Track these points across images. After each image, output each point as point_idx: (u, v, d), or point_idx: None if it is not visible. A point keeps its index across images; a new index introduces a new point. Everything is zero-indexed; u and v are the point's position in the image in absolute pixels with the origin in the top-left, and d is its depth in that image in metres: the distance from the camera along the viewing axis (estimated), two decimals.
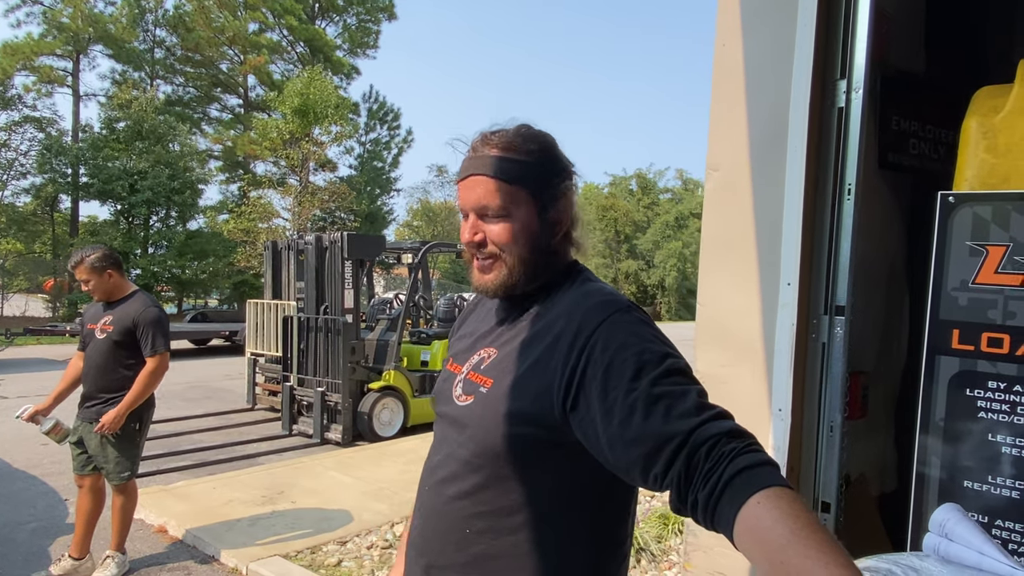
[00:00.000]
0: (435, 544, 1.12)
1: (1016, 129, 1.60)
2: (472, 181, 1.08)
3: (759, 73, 1.85)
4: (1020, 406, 1.49)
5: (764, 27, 1.85)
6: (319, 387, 6.71)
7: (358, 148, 33.20)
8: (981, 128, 1.66)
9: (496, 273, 1.09)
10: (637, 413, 0.88)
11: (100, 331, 3.32)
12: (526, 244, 1.08)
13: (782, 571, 0.70)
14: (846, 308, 1.76)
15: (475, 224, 1.08)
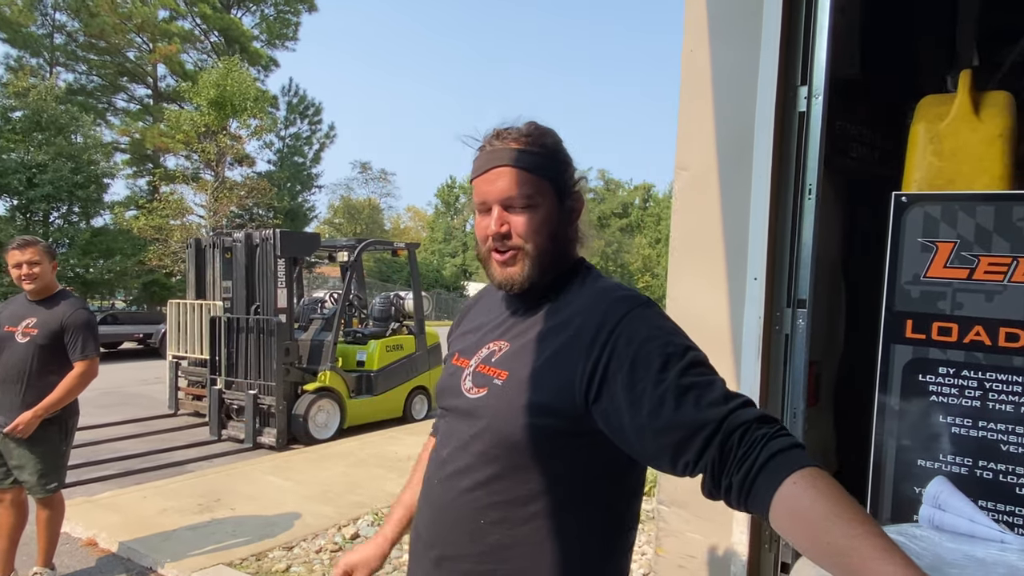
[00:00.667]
0: (448, 536, 1.12)
1: (960, 135, 1.75)
2: (494, 174, 1.08)
3: (726, 79, 1.94)
4: (968, 389, 1.63)
5: (731, 36, 1.94)
6: (251, 390, 6.48)
7: (277, 143, 32.27)
8: (928, 133, 1.80)
9: (521, 265, 1.09)
10: (668, 403, 0.92)
11: (21, 334, 3.07)
12: (548, 235, 1.09)
13: (828, 550, 0.75)
14: (807, 301, 1.87)
15: (501, 215, 1.08)
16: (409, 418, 7.68)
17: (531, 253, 1.08)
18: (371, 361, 7.39)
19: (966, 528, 0.97)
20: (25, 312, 3.12)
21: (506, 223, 1.08)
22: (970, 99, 1.76)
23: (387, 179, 47.15)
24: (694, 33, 2.00)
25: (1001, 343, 1.60)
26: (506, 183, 1.07)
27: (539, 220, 1.08)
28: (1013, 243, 1.58)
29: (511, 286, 1.11)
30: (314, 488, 4.84)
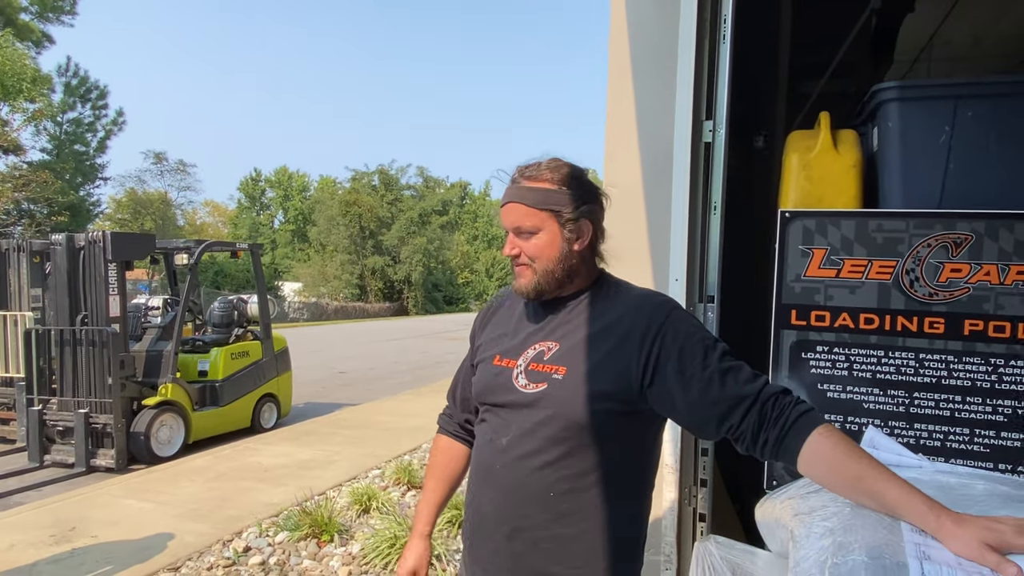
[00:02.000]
0: (520, 510, 1.31)
1: (824, 164, 2.24)
2: (509, 207, 1.33)
3: (648, 113, 2.28)
4: (838, 362, 2.12)
5: (650, 78, 2.29)
6: (81, 408, 5.85)
7: (52, 128, 28.41)
8: (800, 162, 2.27)
9: (527, 279, 1.33)
10: (715, 383, 1.21)
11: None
12: (551, 256, 1.33)
13: (847, 479, 1.08)
14: (715, 297, 2.27)
15: (512, 241, 1.33)
16: (258, 428, 7.37)
17: (537, 269, 1.32)
18: (215, 370, 6.98)
19: (895, 460, 1.36)
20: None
21: (517, 247, 1.32)
22: (830, 135, 2.26)
23: (186, 171, 43.25)
24: (617, 74, 2.33)
25: (861, 326, 2.10)
26: (515, 216, 1.32)
27: (542, 244, 1.32)
28: (868, 249, 2.08)
29: (526, 294, 1.36)
30: (181, 507, 4.56)
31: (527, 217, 1.31)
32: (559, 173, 1.35)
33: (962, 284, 2.00)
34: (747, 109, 3.46)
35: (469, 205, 61.63)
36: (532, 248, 1.32)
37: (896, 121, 2.11)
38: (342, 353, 17.33)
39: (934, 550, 0.98)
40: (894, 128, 2.11)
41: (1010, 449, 1.97)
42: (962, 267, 1.99)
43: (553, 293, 1.37)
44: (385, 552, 3.56)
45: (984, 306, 1.98)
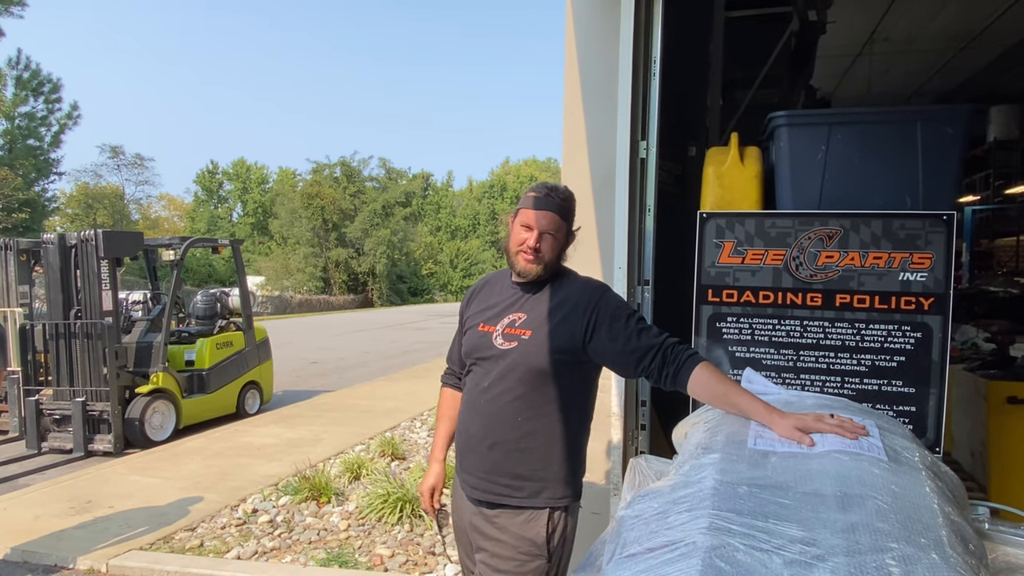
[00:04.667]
0: (496, 430, 1.88)
1: (733, 175, 2.84)
2: (544, 213, 1.86)
3: (595, 134, 2.85)
4: (743, 330, 2.73)
5: (597, 104, 2.86)
6: (77, 397, 6.22)
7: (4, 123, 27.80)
8: (715, 173, 2.87)
9: (536, 267, 1.88)
10: (632, 338, 1.79)
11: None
12: (557, 252, 1.90)
13: (724, 399, 1.67)
14: (650, 281, 2.87)
15: (538, 237, 1.85)
16: (243, 413, 7.79)
17: (546, 260, 1.88)
18: (201, 360, 7.38)
19: (762, 389, 1.96)
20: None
21: (539, 242, 1.86)
22: (738, 151, 2.86)
23: (143, 164, 42.56)
24: (571, 99, 2.89)
25: (760, 301, 2.71)
26: (548, 221, 1.86)
27: (557, 244, 1.88)
28: (765, 241, 2.69)
29: (529, 276, 1.90)
30: (185, 481, 5.02)
31: (555, 224, 1.86)
32: (571, 198, 1.94)
33: (834, 267, 2.62)
34: (683, 123, 4.07)
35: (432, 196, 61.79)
36: (548, 246, 1.86)
37: (785, 141, 2.72)
38: (312, 344, 17.66)
39: (766, 432, 1.58)
40: (784, 147, 2.72)
41: (869, 392, 2.61)
42: (834, 254, 2.62)
43: (544, 277, 1.92)
44: (379, 507, 4.10)
45: (850, 284, 2.61)
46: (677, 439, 2.02)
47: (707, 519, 1.30)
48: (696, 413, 1.92)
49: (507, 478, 1.84)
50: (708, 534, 1.26)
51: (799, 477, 1.41)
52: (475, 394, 1.94)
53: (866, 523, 1.24)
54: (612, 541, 1.42)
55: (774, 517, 1.30)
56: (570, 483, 1.88)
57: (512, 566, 1.82)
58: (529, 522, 1.83)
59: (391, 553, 3.66)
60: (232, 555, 3.69)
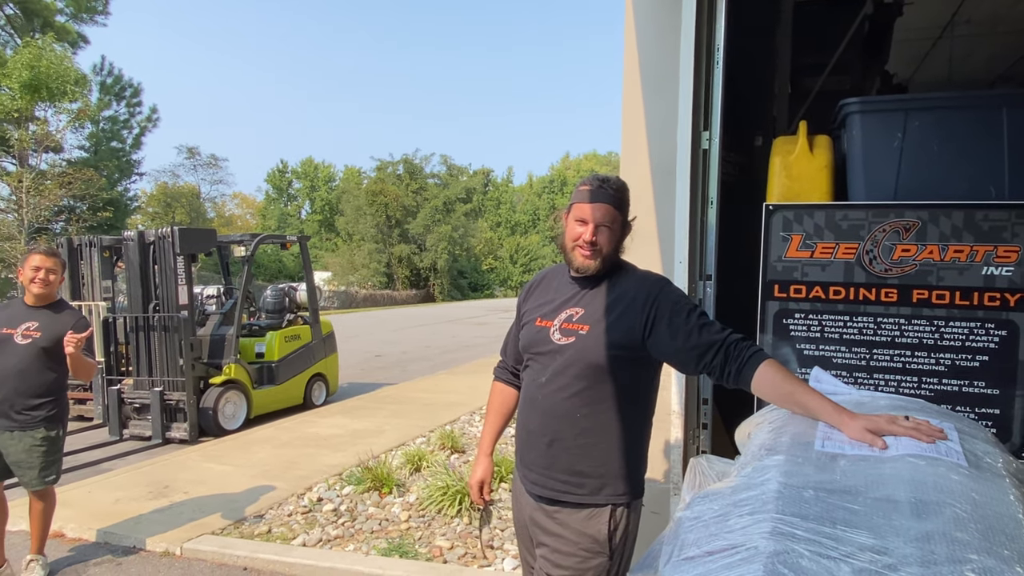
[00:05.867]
0: (555, 426, 1.86)
1: (801, 165, 2.72)
2: (599, 206, 1.83)
3: (655, 125, 2.79)
4: (812, 326, 2.62)
5: (657, 94, 2.79)
6: (156, 387, 6.54)
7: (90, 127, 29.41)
8: (782, 164, 2.76)
9: (594, 260, 1.85)
10: (694, 334, 1.73)
11: (21, 336, 3.26)
12: (614, 245, 1.86)
13: (790, 398, 1.60)
14: (712, 276, 2.79)
15: (594, 230, 1.82)
16: (309, 404, 8.03)
17: (604, 253, 1.85)
18: (271, 352, 7.64)
19: (832, 389, 1.88)
20: (24, 316, 3.31)
21: (595, 235, 1.83)
22: (807, 141, 2.74)
23: (217, 164, 44.39)
24: (631, 91, 2.84)
25: (830, 297, 2.60)
26: (602, 213, 1.82)
27: (614, 237, 1.84)
28: (836, 234, 2.57)
29: (587, 271, 1.87)
30: (255, 469, 5.21)
31: (610, 216, 1.83)
32: (627, 192, 1.90)
33: (911, 261, 2.49)
34: (748, 112, 3.94)
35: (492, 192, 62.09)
36: (605, 239, 1.83)
37: (858, 129, 2.59)
38: (375, 338, 18.05)
39: (835, 434, 1.51)
40: (857, 135, 2.60)
41: (949, 393, 2.47)
42: (911, 247, 2.48)
43: (604, 272, 1.88)
44: (438, 499, 4.15)
45: (928, 278, 2.47)
46: (740, 439, 1.96)
47: (770, 523, 1.25)
48: (760, 413, 1.85)
49: (567, 474, 1.82)
50: (771, 539, 1.21)
51: (870, 482, 1.33)
52: (533, 389, 1.93)
53: (943, 532, 1.17)
54: (670, 542, 1.39)
55: (842, 523, 1.24)
56: (632, 480, 1.84)
57: (573, 562, 1.80)
58: (591, 519, 1.80)
59: (450, 545, 3.70)
60: (298, 542, 3.80)
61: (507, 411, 2.17)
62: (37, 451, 3.27)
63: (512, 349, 2.11)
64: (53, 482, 3.39)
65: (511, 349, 2.12)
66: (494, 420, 2.16)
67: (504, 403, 2.16)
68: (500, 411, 2.16)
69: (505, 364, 2.16)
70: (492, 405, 2.18)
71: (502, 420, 2.17)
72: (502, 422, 2.18)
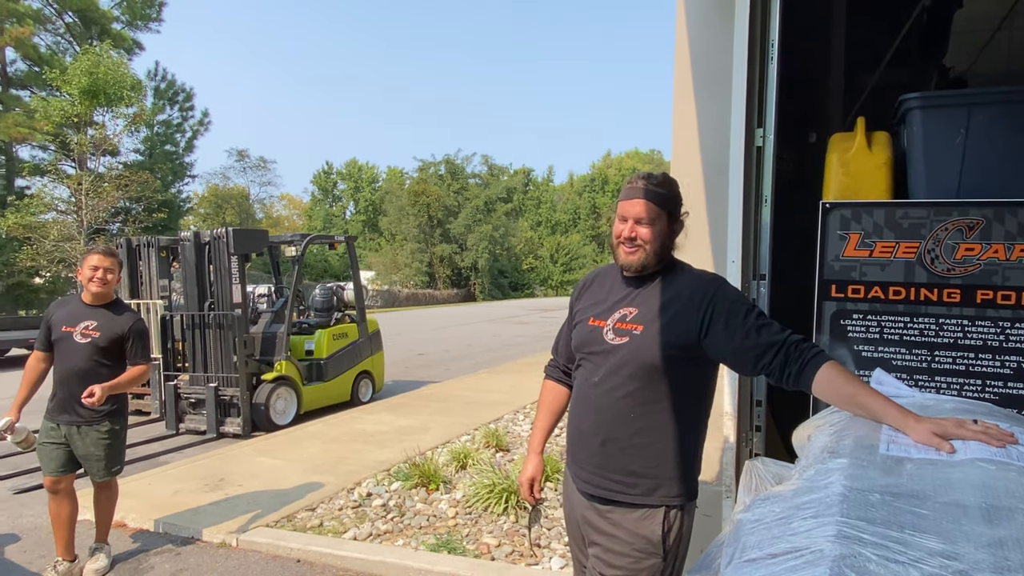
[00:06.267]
0: (608, 426, 1.86)
1: (859, 162, 2.66)
2: (635, 202, 1.83)
3: (707, 122, 2.76)
4: (871, 327, 2.56)
5: (709, 92, 2.76)
6: (210, 383, 6.75)
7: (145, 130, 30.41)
8: (839, 160, 2.70)
9: (637, 257, 1.84)
10: (752, 334, 1.71)
11: (81, 335, 3.36)
12: (658, 242, 1.85)
13: (853, 400, 1.57)
14: (766, 275, 2.75)
15: (633, 226, 1.82)
16: (356, 401, 8.17)
17: (647, 251, 1.84)
18: (319, 350, 7.80)
19: (895, 392, 1.83)
20: (83, 315, 3.41)
21: (635, 231, 1.83)
22: (865, 137, 2.68)
23: (266, 166, 45.50)
24: (682, 87, 2.81)
25: (890, 297, 2.53)
26: (639, 208, 1.82)
27: (656, 233, 1.83)
28: (896, 233, 2.51)
29: (631, 268, 1.87)
30: (305, 464, 5.33)
31: (649, 212, 1.82)
32: (673, 187, 1.89)
33: (975, 260, 2.41)
34: (802, 108, 3.87)
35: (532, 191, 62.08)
36: (647, 234, 1.82)
37: (919, 125, 2.52)
38: (418, 337, 18.25)
39: (900, 437, 1.48)
40: (917, 131, 2.53)
41: (1015, 397, 2.39)
42: (975, 247, 2.41)
43: (651, 269, 1.88)
44: (484, 497, 4.19)
45: (993, 279, 2.40)
46: (798, 442, 1.93)
47: (835, 526, 1.24)
48: (820, 415, 1.82)
49: (620, 474, 1.82)
50: (837, 542, 1.19)
51: (938, 486, 1.30)
52: (585, 388, 1.93)
53: (1017, 538, 1.13)
54: (731, 544, 1.38)
55: (911, 528, 1.22)
56: (686, 482, 1.83)
57: (626, 563, 1.80)
58: (644, 519, 1.80)
59: (497, 543, 3.72)
60: (349, 535, 3.88)
61: (558, 409, 2.17)
62: (102, 444, 3.40)
63: (564, 348, 2.11)
64: (117, 473, 3.53)
65: (563, 347, 2.12)
66: (545, 418, 2.17)
67: (555, 401, 2.17)
68: (551, 409, 2.17)
69: (556, 362, 2.17)
70: (543, 403, 2.19)
71: (553, 418, 2.18)
72: (553, 420, 2.19)
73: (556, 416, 2.18)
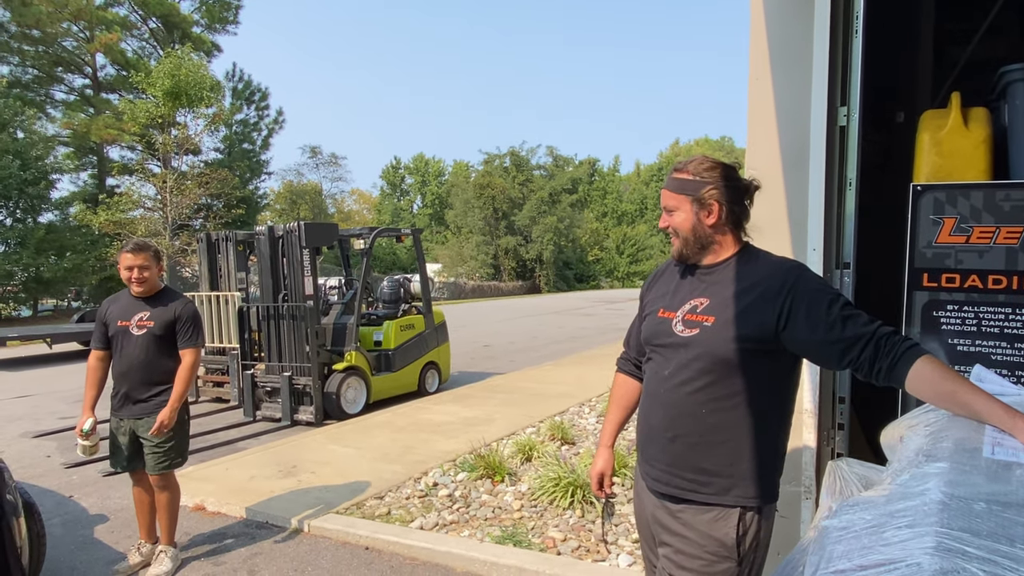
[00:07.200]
0: (679, 422, 1.77)
1: (954, 141, 2.46)
2: (663, 193, 1.80)
3: (786, 101, 2.61)
4: (967, 319, 2.37)
5: (788, 68, 2.61)
6: (285, 372, 6.95)
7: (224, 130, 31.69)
8: (932, 140, 2.51)
9: (676, 246, 1.81)
10: (837, 326, 1.59)
11: (136, 327, 3.41)
12: (687, 228, 1.76)
13: (952, 398, 1.43)
14: (851, 264, 2.58)
15: (665, 217, 1.79)
16: (423, 391, 8.28)
17: (680, 238, 1.78)
18: (388, 341, 7.93)
19: (999, 390, 1.67)
20: (135, 308, 3.45)
21: (667, 221, 1.78)
22: (960, 114, 2.47)
23: (337, 163, 46.77)
24: (758, 65, 2.67)
25: (989, 287, 2.33)
26: (665, 199, 1.79)
27: (679, 220, 1.76)
28: (996, 217, 2.30)
29: (676, 257, 1.83)
30: (374, 452, 5.42)
31: (670, 199, 1.78)
32: (699, 167, 1.78)
33: None
34: (888, 85, 3.62)
35: (598, 182, 61.46)
36: (674, 222, 1.77)
37: (1022, 99, 2.30)
38: (484, 329, 18.36)
39: (1007, 440, 1.34)
40: (1020, 106, 2.31)
41: None
42: None
43: (696, 258, 1.79)
44: (550, 490, 4.14)
45: None
46: (887, 442, 1.79)
47: (934, 537, 1.13)
48: (913, 413, 1.68)
49: (692, 472, 1.74)
50: (936, 555, 1.08)
51: None
52: (655, 383, 1.85)
53: None
54: (815, 553, 1.28)
55: (1022, 541, 1.10)
56: (764, 483, 1.73)
57: (698, 565, 1.72)
58: (717, 521, 1.71)
59: (563, 537, 3.67)
60: (415, 525, 3.91)
61: (629, 403, 2.10)
62: (166, 434, 3.39)
63: (635, 340, 2.04)
64: (179, 466, 3.52)
65: (634, 340, 2.05)
66: (616, 412, 2.10)
67: (627, 395, 2.09)
68: (622, 403, 2.10)
69: (628, 355, 2.10)
70: (614, 397, 2.13)
71: (624, 412, 2.11)
72: (624, 414, 2.11)
73: (628, 410, 2.11)
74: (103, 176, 27.44)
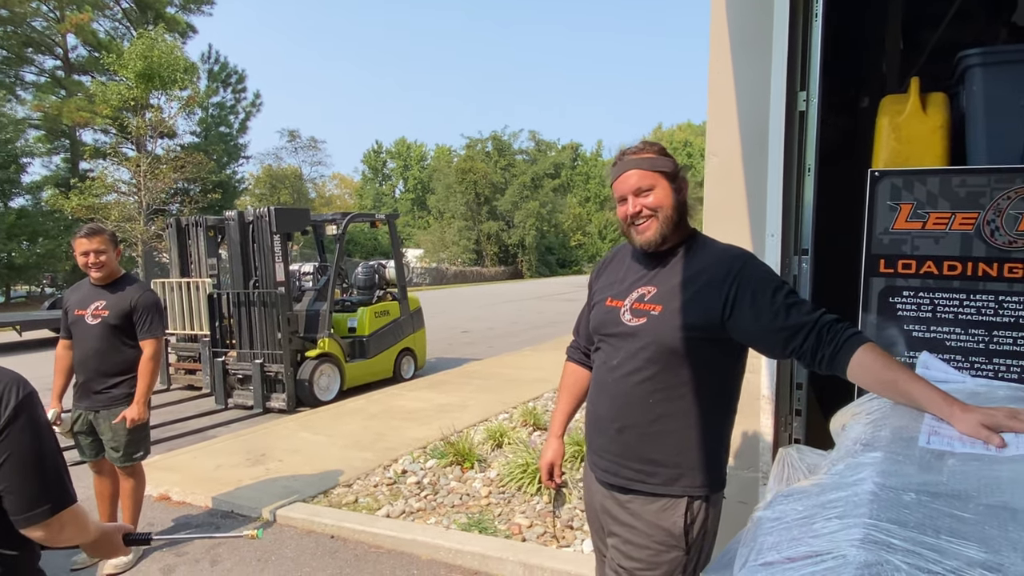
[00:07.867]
0: (626, 412, 1.75)
1: (912, 126, 2.45)
2: (627, 175, 1.71)
3: (746, 87, 2.58)
4: (923, 305, 2.37)
5: (747, 54, 2.58)
6: (257, 359, 6.88)
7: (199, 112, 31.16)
8: (891, 125, 2.49)
9: (653, 229, 1.70)
10: (780, 315, 1.57)
11: (91, 316, 3.32)
12: (669, 204, 1.71)
13: (893, 386, 1.42)
14: (808, 250, 2.57)
15: (634, 201, 1.70)
16: (398, 378, 8.24)
17: (660, 217, 1.70)
18: (362, 327, 7.87)
19: (943, 377, 1.67)
20: (93, 296, 3.36)
21: (638, 205, 1.70)
22: (919, 99, 2.46)
23: (317, 147, 46.23)
24: (718, 50, 2.63)
25: (945, 272, 2.33)
26: (634, 180, 1.70)
27: (660, 196, 1.70)
28: (952, 203, 2.30)
29: (650, 244, 1.73)
30: (345, 440, 5.39)
31: (644, 179, 1.70)
32: (656, 147, 1.77)
33: None
34: (854, 70, 3.61)
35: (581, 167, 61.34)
36: (653, 201, 1.70)
37: (980, 84, 2.30)
38: (463, 314, 18.32)
39: (944, 428, 1.33)
40: (978, 91, 2.30)
41: None
42: None
43: (671, 240, 1.75)
44: (518, 476, 4.14)
45: None
46: (834, 429, 1.79)
47: (862, 529, 1.11)
48: (857, 402, 1.67)
49: (639, 463, 1.72)
50: (862, 547, 1.07)
51: (983, 485, 1.17)
52: (603, 372, 1.83)
53: None
54: (747, 544, 1.27)
55: (948, 533, 1.09)
56: (711, 472, 1.72)
57: (646, 555, 1.71)
58: (665, 511, 1.70)
59: (529, 523, 3.67)
60: (382, 513, 3.90)
61: (579, 392, 2.08)
62: (122, 428, 3.33)
63: (584, 329, 2.01)
64: (141, 459, 3.48)
65: (583, 329, 2.03)
66: (566, 401, 2.09)
67: (576, 384, 2.08)
68: (572, 392, 2.09)
69: (578, 344, 2.08)
70: (564, 386, 2.11)
71: (574, 402, 2.10)
72: (574, 404, 2.10)
73: (578, 400, 2.10)
74: (76, 160, 26.90)
